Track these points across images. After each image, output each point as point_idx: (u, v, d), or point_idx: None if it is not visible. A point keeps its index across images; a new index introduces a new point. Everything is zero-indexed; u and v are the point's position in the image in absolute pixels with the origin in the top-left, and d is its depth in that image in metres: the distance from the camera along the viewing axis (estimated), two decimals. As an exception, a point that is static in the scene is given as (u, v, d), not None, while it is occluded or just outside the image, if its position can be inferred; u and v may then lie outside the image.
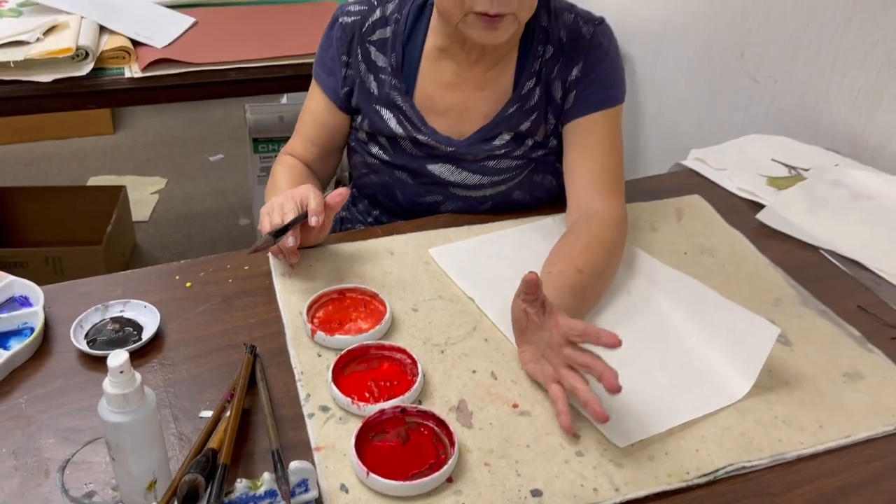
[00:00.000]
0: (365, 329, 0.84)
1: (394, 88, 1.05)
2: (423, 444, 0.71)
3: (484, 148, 1.06)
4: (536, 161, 1.08)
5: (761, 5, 1.47)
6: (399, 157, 1.09)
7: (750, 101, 1.54)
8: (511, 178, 1.08)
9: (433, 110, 1.06)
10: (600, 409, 0.70)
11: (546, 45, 1.03)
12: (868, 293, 0.96)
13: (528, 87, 1.04)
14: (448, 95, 1.05)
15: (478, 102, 1.05)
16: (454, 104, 1.06)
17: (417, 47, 1.06)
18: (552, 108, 1.05)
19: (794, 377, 0.82)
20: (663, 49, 1.78)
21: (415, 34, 1.06)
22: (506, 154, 1.06)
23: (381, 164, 1.11)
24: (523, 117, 1.05)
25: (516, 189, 1.09)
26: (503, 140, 1.05)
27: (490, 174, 1.07)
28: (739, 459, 0.71)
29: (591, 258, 0.90)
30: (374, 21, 1.06)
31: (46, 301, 0.86)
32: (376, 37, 1.06)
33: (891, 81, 1.24)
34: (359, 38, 1.06)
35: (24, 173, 2.91)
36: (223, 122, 3.37)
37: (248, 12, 1.86)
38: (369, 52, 1.06)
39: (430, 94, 1.06)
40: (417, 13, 1.06)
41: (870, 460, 0.73)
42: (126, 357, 0.58)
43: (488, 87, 1.05)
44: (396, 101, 1.06)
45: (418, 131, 1.06)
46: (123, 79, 1.46)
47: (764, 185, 1.18)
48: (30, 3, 1.61)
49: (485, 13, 0.90)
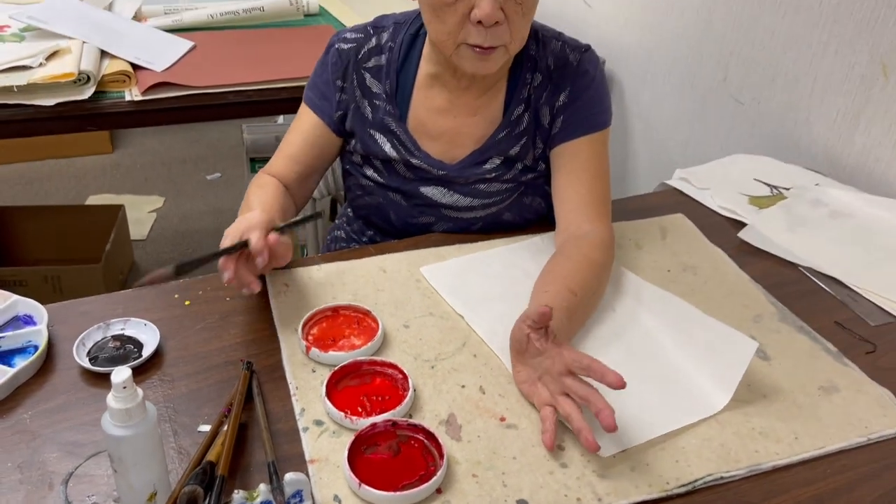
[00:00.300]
0: (358, 345, 0.87)
1: (388, 114, 1.09)
2: (413, 457, 0.74)
3: (475, 172, 1.09)
4: (526, 184, 1.11)
5: (743, 31, 1.51)
6: (393, 180, 1.12)
7: (734, 123, 1.58)
8: (501, 200, 1.11)
9: (426, 135, 1.09)
10: (592, 439, 0.73)
11: (535, 73, 1.07)
12: (845, 309, 1.00)
13: (518, 112, 1.07)
14: (440, 121, 1.09)
15: (469, 128, 1.09)
16: (446, 129, 1.09)
17: (411, 74, 1.09)
18: (540, 132, 1.08)
19: (772, 390, 0.85)
20: (650, 72, 1.82)
21: (408, 62, 1.09)
22: (496, 178, 1.10)
23: (375, 186, 1.14)
24: (513, 142, 1.08)
25: (506, 211, 1.12)
26: (494, 164, 1.09)
27: (481, 197, 1.11)
28: (718, 470, 0.74)
29: (583, 280, 0.93)
30: (369, 49, 1.09)
31: (50, 320, 0.89)
32: (371, 64, 1.09)
33: (867, 104, 1.28)
34: (354, 64, 1.09)
35: (23, 193, 2.94)
36: (220, 142, 3.41)
37: (245, 36, 1.90)
38: (364, 79, 1.09)
39: (422, 120, 1.09)
40: (411, 42, 1.09)
41: (843, 470, 0.76)
42: (129, 373, 0.61)
43: (479, 113, 1.08)
44: (391, 126, 1.09)
45: (412, 155, 1.09)
46: (124, 102, 1.50)
47: (746, 203, 1.22)
48: (32, 28, 1.65)
49: (477, 46, 0.94)
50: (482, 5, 0.90)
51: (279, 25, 2.00)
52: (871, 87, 1.27)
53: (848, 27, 1.29)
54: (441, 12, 0.94)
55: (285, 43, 1.87)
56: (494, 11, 0.90)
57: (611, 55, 1.94)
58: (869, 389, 0.85)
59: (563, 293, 0.90)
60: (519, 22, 0.94)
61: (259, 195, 1.05)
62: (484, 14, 0.90)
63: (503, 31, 0.94)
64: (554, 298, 0.89)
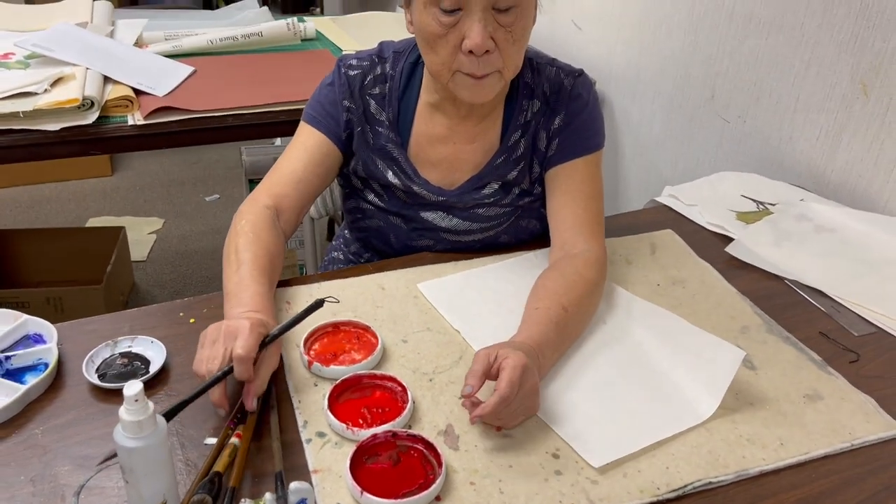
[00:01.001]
0: (358, 360, 0.90)
1: (390, 141, 1.11)
2: (413, 466, 0.77)
3: (474, 197, 1.12)
4: (522, 208, 1.14)
5: (728, 51, 1.56)
6: (393, 204, 1.15)
7: (721, 141, 1.62)
8: (499, 223, 1.14)
9: (426, 161, 1.12)
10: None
11: (531, 100, 1.10)
12: (829, 320, 1.03)
13: (515, 138, 1.10)
14: (440, 148, 1.11)
15: (468, 154, 1.11)
16: (445, 156, 1.11)
17: (412, 102, 1.11)
18: (537, 156, 1.11)
19: (758, 399, 0.88)
20: (639, 92, 1.87)
21: (409, 90, 1.11)
22: (494, 202, 1.12)
23: (375, 210, 1.16)
24: (511, 167, 1.11)
25: (503, 234, 1.15)
26: (492, 189, 1.12)
27: (479, 220, 1.13)
28: (706, 475, 0.77)
29: (576, 297, 0.96)
30: (374, 76, 1.11)
31: (59, 338, 0.92)
32: (376, 91, 1.11)
33: (848, 122, 1.32)
34: (360, 89, 1.10)
35: (24, 216, 2.97)
36: (218, 163, 3.46)
37: (244, 61, 1.94)
38: (369, 105, 1.11)
39: (423, 147, 1.12)
40: (411, 70, 1.11)
41: (828, 475, 0.79)
42: (140, 387, 0.64)
43: (477, 140, 1.11)
44: (392, 153, 1.11)
45: (412, 182, 1.11)
46: (127, 126, 1.53)
47: (733, 219, 1.26)
48: (37, 55, 1.69)
49: (471, 74, 0.97)
50: (472, 35, 0.93)
51: (277, 50, 2.05)
52: (852, 105, 1.31)
53: (829, 48, 1.34)
54: (434, 44, 0.97)
55: (283, 67, 1.91)
56: (484, 41, 0.93)
57: (601, 76, 1.99)
58: (852, 397, 0.89)
59: (555, 308, 0.93)
60: (510, 49, 0.97)
61: (251, 259, 0.96)
62: (474, 44, 0.93)
63: (495, 59, 0.96)
64: (545, 314, 0.92)
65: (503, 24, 0.95)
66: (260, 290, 0.92)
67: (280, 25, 2.07)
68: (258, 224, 1.02)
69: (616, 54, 1.93)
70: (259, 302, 0.90)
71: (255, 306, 0.89)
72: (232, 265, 0.96)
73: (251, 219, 1.02)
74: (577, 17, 2.06)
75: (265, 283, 0.94)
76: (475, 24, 0.93)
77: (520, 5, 0.95)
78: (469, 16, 0.93)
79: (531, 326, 0.90)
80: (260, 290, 0.92)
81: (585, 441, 0.80)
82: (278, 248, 1.02)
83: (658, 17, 1.76)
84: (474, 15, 0.93)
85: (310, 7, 4.43)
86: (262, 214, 1.04)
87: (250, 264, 0.95)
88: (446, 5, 0.93)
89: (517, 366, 0.79)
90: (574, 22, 2.07)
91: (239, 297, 0.90)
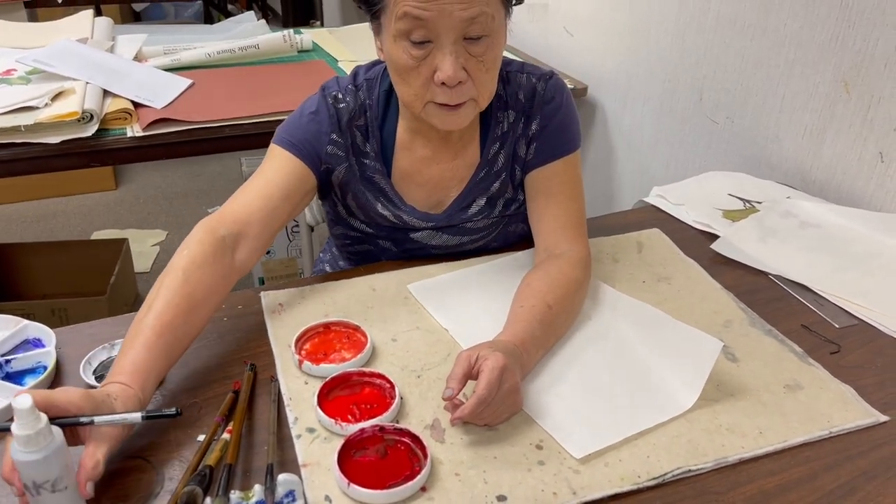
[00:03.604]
0: (348, 358, 0.92)
1: (376, 172, 1.10)
2: (399, 458, 0.79)
3: (461, 217, 1.13)
4: (509, 216, 1.16)
5: (715, 55, 1.59)
6: (381, 230, 1.15)
7: (710, 142, 1.64)
8: (488, 233, 1.16)
9: (412, 184, 1.12)
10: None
11: (506, 111, 1.09)
12: (812, 313, 1.05)
13: (494, 151, 1.10)
14: (424, 170, 1.11)
15: (451, 171, 1.11)
16: (431, 177, 1.12)
17: (392, 130, 1.10)
18: (518, 163, 1.11)
19: (739, 389, 0.90)
20: (630, 96, 1.90)
21: (388, 118, 1.10)
22: (483, 217, 1.14)
23: (364, 236, 1.17)
24: (493, 180, 1.12)
25: (493, 242, 1.18)
26: (478, 206, 1.13)
27: (468, 234, 1.15)
28: (686, 463, 0.79)
29: (560, 295, 0.97)
30: (358, 107, 1.09)
31: (57, 342, 0.95)
32: (361, 122, 1.09)
33: (832, 120, 1.34)
34: (347, 122, 1.08)
35: (30, 230, 3.01)
36: (220, 175, 3.50)
37: (241, 73, 1.98)
38: (356, 137, 1.09)
39: (407, 172, 1.11)
40: (386, 99, 1.10)
41: (806, 461, 0.80)
42: (31, 400, 0.64)
43: (459, 156, 1.11)
44: (379, 184, 1.11)
45: (399, 210, 1.12)
46: (126, 138, 1.56)
47: (720, 217, 1.28)
48: (38, 71, 1.73)
49: (445, 104, 0.96)
50: (444, 68, 0.92)
51: (274, 62, 2.08)
52: (835, 104, 1.33)
53: (811, 49, 1.36)
54: (406, 76, 0.96)
55: (280, 78, 1.95)
56: (456, 73, 0.92)
57: (592, 80, 2.02)
58: (832, 387, 0.90)
59: (539, 306, 0.94)
60: (483, 77, 0.96)
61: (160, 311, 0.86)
62: (446, 76, 0.92)
63: (468, 88, 0.96)
64: (530, 311, 0.94)
65: (474, 55, 0.93)
66: (142, 357, 0.81)
67: (276, 38, 2.11)
68: (198, 259, 0.92)
69: (607, 60, 1.96)
70: (130, 371, 0.80)
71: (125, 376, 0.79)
72: (143, 308, 0.87)
73: (193, 250, 0.93)
74: (569, 24, 2.09)
75: (158, 346, 0.83)
76: (447, 56, 0.92)
77: (491, 35, 0.93)
78: (440, 48, 0.92)
79: (515, 324, 0.92)
80: (142, 357, 0.81)
81: (568, 433, 0.82)
82: (213, 287, 0.92)
83: (646, 24, 1.79)
84: (445, 48, 0.92)
85: (310, 20, 4.48)
86: (209, 246, 0.94)
87: (154, 317, 0.85)
88: (416, 37, 0.91)
89: (496, 367, 0.80)
90: (566, 29, 2.10)
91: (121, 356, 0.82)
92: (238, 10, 4.77)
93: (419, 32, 0.91)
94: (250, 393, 0.87)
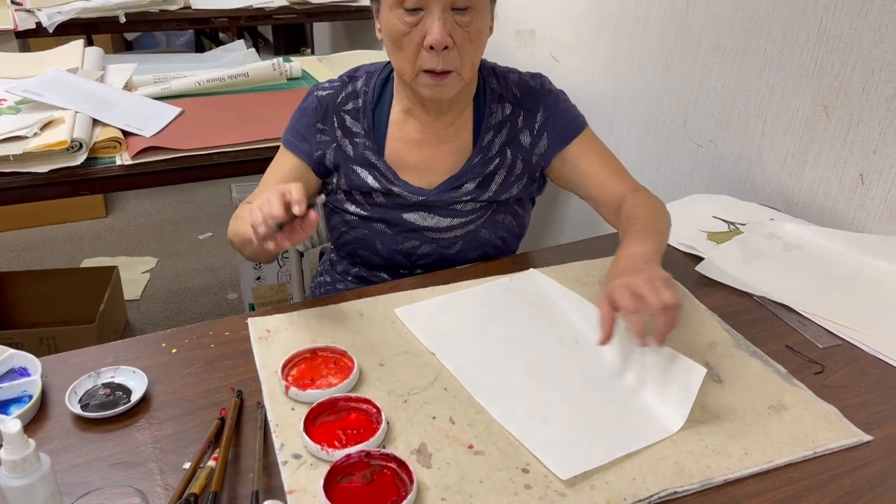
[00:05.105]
0: (335, 384, 0.92)
1: (367, 149, 1.21)
2: (385, 484, 0.79)
3: (452, 195, 1.21)
4: (498, 203, 1.23)
5: (697, 79, 1.61)
6: (376, 211, 1.22)
7: (695, 165, 1.66)
8: (477, 218, 1.23)
9: (403, 165, 1.21)
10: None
11: (502, 104, 1.21)
12: (796, 333, 1.06)
13: (488, 139, 1.21)
14: (415, 151, 1.21)
15: (442, 155, 1.21)
16: (421, 159, 1.21)
17: (385, 112, 1.22)
18: (521, 153, 1.22)
19: (724, 411, 0.90)
20: (616, 120, 1.92)
21: (382, 102, 1.22)
22: (472, 199, 1.22)
23: (359, 220, 1.24)
24: (486, 165, 1.21)
25: (482, 228, 1.24)
26: (469, 188, 1.21)
27: (459, 216, 1.22)
28: (672, 485, 0.79)
29: (651, 212, 1.12)
30: (346, 94, 1.22)
31: (43, 371, 0.94)
32: (350, 106, 1.22)
33: (812, 143, 1.36)
34: (333, 108, 1.21)
35: (20, 259, 3.00)
36: (211, 202, 3.50)
37: (230, 101, 1.99)
38: (344, 120, 1.21)
39: (399, 152, 1.21)
40: (383, 85, 1.23)
41: (791, 482, 0.81)
42: (20, 425, 0.65)
43: (450, 142, 1.21)
44: (371, 159, 1.21)
45: (392, 184, 1.20)
46: (115, 166, 1.57)
47: (704, 239, 1.29)
48: (27, 101, 1.74)
49: (432, 70, 1.08)
50: (432, 32, 1.05)
51: (263, 90, 2.10)
52: (815, 126, 1.35)
53: (791, 72, 1.38)
54: (399, 42, 1.08)
55: (269, 105, 1.96)
56: (443, 37, 1.05)
57: (578, 105, 2.01)
58: (816, 407, 0.91)
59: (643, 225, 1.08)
60: (467, 48, 1.08)
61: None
62: (434, 39, 1.04)
63: (454, 57, 1.08)
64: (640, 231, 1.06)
65: (461, 24, 1.06)
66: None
67: (266, 66, 2.13)
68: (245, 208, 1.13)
69: (593, 84, 1.98)
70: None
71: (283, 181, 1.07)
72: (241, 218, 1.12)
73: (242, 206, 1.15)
74: (555, 50, 2.12)
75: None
76: (435, 21, 1.04)
77: (476, 7, 1.07)
78: (430, 15, 1.05)
79: (633, 240, 1.04)
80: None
81: (555, 455, 0.82)
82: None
83: (629, 50, 1.81)
84: (434, 14, 1.05)
85: (301, 48, 4.53)
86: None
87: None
88: (409, 4, 1.05)
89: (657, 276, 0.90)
90: (552, 55, 2.13)
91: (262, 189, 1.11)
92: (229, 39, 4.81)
93: (412, 0, 1.04)
94: (237, 419, 0.88)
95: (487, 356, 0.99)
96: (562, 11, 2.05)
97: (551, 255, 1.25)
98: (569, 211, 2.10)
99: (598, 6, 1.90)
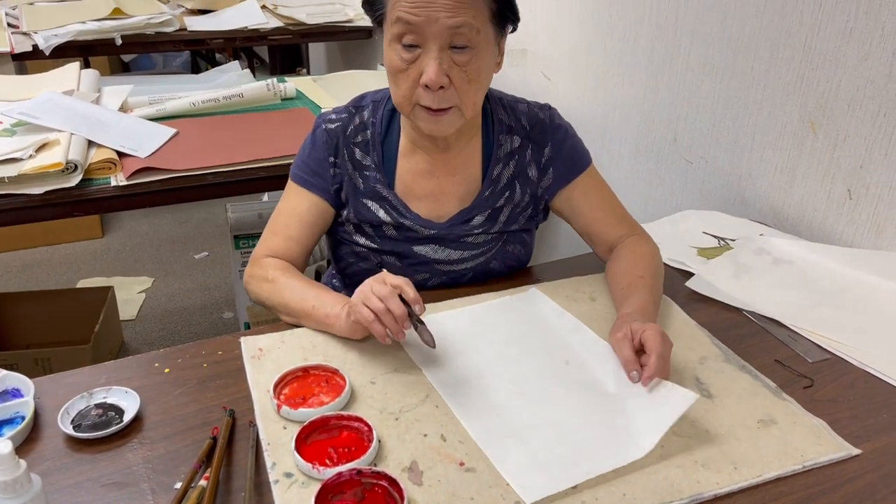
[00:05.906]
0: (326, 402, 0.93)
1: (378, 182, 1.19)
2: (377, 502, 0.79)
3: (463, 228, 1.20)
4: (508, 233, 1.23)
5: (687, 97, 1.63)
6: (386, 244, 1.21)
7: (686, 181, 1.68)
8: (488, 249, 1.22)
9: (413, 197, 1.20)
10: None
11: (511, 136, 1.20)
12: (785, 348, 1.07)
13: (497, 170, 1.20)
14: (424, 182, 1.20)
15: (451, 187, 1.20)
16: (431, 190, 1.20)
17: (394, 144, 1.20)
18: (528, 186, 1.22)
19: (714, 426, 0.90)
20: (607, 138, 1.94)
21: (390, 133, 1.20)
22: (483, 231, 1.21)
23: (369, 252, 1.23)
24: (497, 197, 1.20)
25: (493, 259, 1.23)
26: (479, 220, 1.21)
27: (470, 248, 1.21)
28: (662, 501, 0.79)
29: (645, 265, 1.14)
30: (354, 126, 1.20)
31: (36, 392, 0.95)
32: (359, 139, 1.19)
33: (800, 159, 1.38)
34: (343, 140, 1.19)
35: (15, 280, 3.00)
36: (207, 222, 3.51)
37: (225, 121, 2.01)
38: (354, 153, 1.19)
39: (408, 184, 1.20)
40: (390, 116, 1.21)
41: (780, 496, 0.81)
42: (11, 446, 0.65)
43: (459, 173, 1.20)
44: (382, 192, 1.19)
45: (403, 217, 1.19)
46: (110, 187, 1.58)
47: (694, 255, 1.30)
48: (23, 123, 1.75)
49: (428, 108, 1.06)
50: (428, 71, 1.02)
51: (258, 110, 2.12)
52: (803, 142, 1.37)
53: (777, 90, 1.40)
54: (396, 77, 1.06)
55: (263, 126, 1.98)
56: (438, 77, 1.02)
57: (572, 120, 2.05)
58: (805, 421, 0.91)
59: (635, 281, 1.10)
60: (465, 88, 1.05)
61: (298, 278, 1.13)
62: (428, 79, 1.02)
63: (451, 95, 1.05)
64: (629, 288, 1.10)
65: (458, 63, 1.03)
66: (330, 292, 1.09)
67: (260, 86, 2.15)
68: (284, 268, 1.15)
69: (584, 103, 2.00)
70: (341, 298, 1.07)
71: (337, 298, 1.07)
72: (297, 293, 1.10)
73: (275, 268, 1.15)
74: (546, 69, 2.14)
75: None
76: (431, 60, 1.02)
77: (475, 48, 1.03)
78: (427, 53, 1.02)
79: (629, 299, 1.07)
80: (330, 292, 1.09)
81: (522, 477, 0.82)
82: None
83: (620, 68, 1.84)
84: (431, 52, 1.02)
85: (296, 68, 4.56)
86: (277, 262, 1.16)
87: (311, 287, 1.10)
88: (407, 41, 1.03)
89: (658, 330, 0.95)
90: (543, 73, 2.16)
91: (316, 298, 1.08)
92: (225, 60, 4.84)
93: (409, 37, 1.02)
94: (229, 439, 0.88)
95: (474, 374, 0.99)
96: (553, 31, 2.08)
97: (542, 273, 1.26)
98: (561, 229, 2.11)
99: (589, 25, 1.92)
